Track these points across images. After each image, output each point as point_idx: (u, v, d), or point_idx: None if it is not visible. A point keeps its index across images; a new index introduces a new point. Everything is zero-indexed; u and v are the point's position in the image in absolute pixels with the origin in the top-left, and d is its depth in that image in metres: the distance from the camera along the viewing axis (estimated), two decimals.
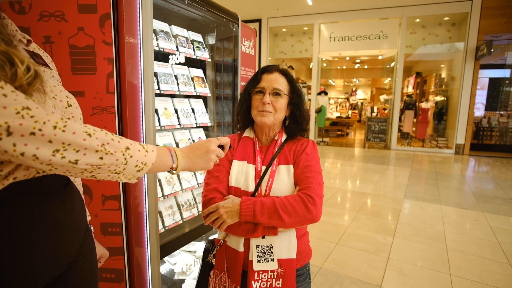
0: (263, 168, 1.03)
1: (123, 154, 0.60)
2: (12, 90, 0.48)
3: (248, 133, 1.13)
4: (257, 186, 1.00)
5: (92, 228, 0.98)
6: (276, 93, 1.04)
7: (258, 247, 0.95)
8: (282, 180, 1.00)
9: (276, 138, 1.09)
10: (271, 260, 0.94)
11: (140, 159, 0.64)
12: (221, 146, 0.86)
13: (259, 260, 0.94)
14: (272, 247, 0.95)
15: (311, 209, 0.91)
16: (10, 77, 0.50)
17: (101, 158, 0.57)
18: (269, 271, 0.94)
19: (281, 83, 1.06)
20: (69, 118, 0.60)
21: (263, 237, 0.95)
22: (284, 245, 0.97)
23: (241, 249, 0.96)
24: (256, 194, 1.00)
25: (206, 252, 1.10)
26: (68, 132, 0.52)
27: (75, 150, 0.53)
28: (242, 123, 1.15)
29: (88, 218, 0.94)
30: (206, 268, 1.07)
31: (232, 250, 0.98)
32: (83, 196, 0.92)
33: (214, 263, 1.04)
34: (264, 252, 0.95)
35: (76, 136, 0.53)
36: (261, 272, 0.94)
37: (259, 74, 1.09)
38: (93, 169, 0.57)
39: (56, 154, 0.51)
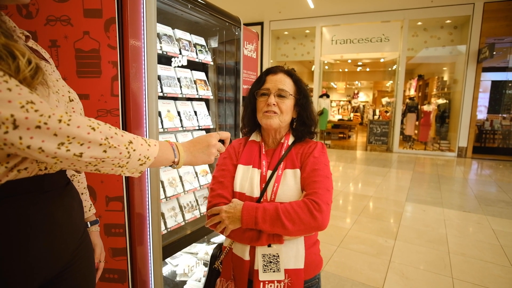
0: (269, 172, 0.98)
1: (126, 148, 0.61)
2: (17, 84, 0.49)
3: (254, 136, 1.09)
4: (263, 191, 0.95)
5: (98, 220, 0.98)
6: (281, 95, 1.00)
7: (264, 256, 0.90)
8: (288, 185, 0.95)
9: (282, 140, 1.04)
10: (278, 270, 0.89)
11: (143, 153, 0.65)
12: (222, 141, 0.87)
13: (264, 270, 0.90)
14: (278, 256, 0.90)
15: (317, 216, 0.85)
16: (14, 70, 0.51)
17: (104, 151, 0.57)
18: (276, 282, 0.89)
19: (287, 84, 1.02)
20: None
21: (269, 246, 0.90)
22: (291, 254, 0.91)
23: (247, 257, 0.92)
24: (261, 200, 0.95)
25: (213, 258, 1.06)
26: (73, 125, 0.53)
27: (80, 143, 0.54)
28: (248, 127, 1.11)
29: (94, 211, 0.95)
30: (212, 275, 1.03)
31: (238, 258, 0.94)
32: (87, 195, 0.93)
33: (221, 270, 1.00)
34: (270, 262, 0.90)
35: (81, 129, 0.54)
36: (267, 283, 0.89)
37: (263, 76, 1.05)
38: (97, 162, 0.58)
39: (61, 147, 0.52)
